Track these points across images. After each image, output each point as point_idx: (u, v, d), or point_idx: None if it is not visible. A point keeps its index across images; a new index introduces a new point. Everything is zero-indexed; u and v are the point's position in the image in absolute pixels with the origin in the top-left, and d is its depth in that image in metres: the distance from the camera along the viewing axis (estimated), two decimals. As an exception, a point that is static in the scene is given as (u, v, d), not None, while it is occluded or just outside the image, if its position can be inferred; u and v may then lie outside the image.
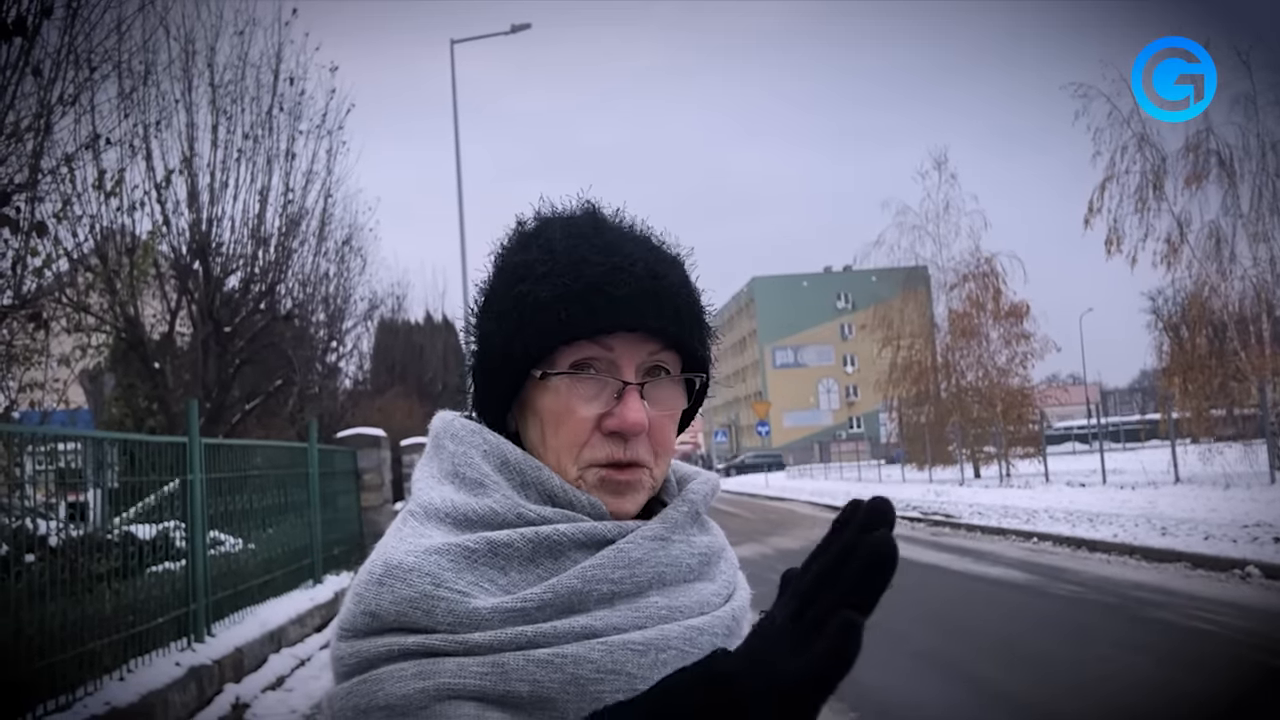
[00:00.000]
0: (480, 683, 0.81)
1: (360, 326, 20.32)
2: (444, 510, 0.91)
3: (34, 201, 6.93)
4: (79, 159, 8.29)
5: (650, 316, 0.93)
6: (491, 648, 0.82)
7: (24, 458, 5.83)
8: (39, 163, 6.73)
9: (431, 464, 0.98)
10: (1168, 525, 14.13)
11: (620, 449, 0.93)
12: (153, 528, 6.98)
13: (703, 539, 0.98)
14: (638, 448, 0.94)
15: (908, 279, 36.24)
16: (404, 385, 23.78)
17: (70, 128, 8.10)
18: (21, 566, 5.22)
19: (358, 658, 0.85)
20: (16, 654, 4.93)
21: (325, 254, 15.01)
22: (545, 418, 0.94)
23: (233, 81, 12.33)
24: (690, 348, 0.97)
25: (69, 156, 7.78)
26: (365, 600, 0.86)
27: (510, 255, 0.99)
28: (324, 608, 9.97)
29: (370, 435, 13.68)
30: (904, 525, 20.37)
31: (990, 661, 7.58)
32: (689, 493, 1.00)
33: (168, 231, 11.65)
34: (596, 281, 0.92)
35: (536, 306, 0.92)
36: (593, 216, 0.99)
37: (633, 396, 0.93)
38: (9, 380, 7.22)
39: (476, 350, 1.00)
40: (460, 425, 0.99)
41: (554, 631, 0.83)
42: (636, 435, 0.93)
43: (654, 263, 0.96)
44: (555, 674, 0.82)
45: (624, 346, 0.93)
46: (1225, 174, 21.61)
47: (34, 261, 6.81)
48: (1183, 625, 8.38)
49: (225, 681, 7.02)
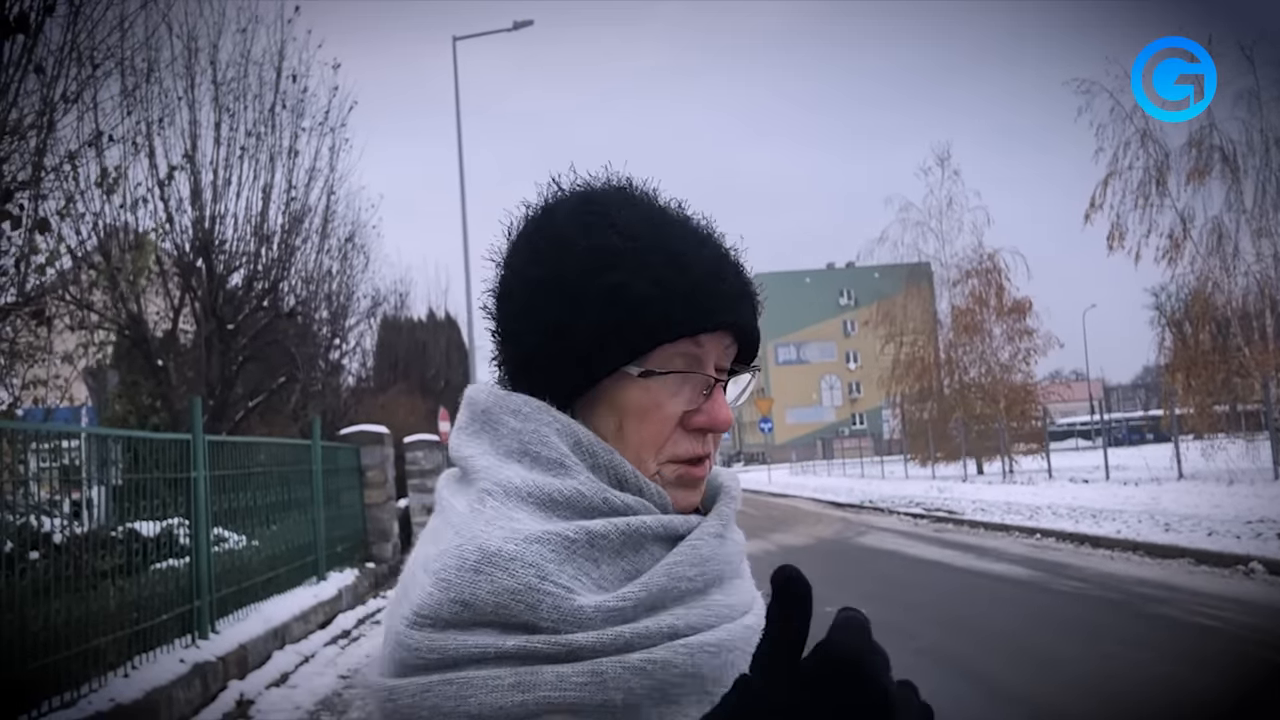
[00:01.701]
0: (579, 694, 0.76)
1: (363, 324, 20.35)
2: (526, 490, 0.85)
3: (37, 199, 6.94)
4: (82, 156, 8.30)
5: (745, 315, 0.93)
6: (594, 651, 0.77)
7: (28, 455, 5.83)
8: (42, 160, 6.73)
9: (484, 440, 0.91)
10: (1171, 521, 14.12)
11: (702, 445, 0.91)
12: (156, 524, 6.99)
13: (739, 534, 0.96)
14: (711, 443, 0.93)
15: (911, 275, 36.24)
16: (406, 382, 23.78)
17: (73, 125, 8.12)
18: (26, 564, 5.23)
19: (440, 653, 0.77)
20: (23, 650, 4.94)
21: (328, 251, 15.02)
22: (629, 412, 0.89)
23: (235, 79, 12.33)
24: (756, 343, 0.97)
25: (72, 154, 7.78)
26: (457, 588, 0.78)
27: (580, 237, 0.90)
28: (327, 604, 9.98)
29: (373, 432, 13.69)
30: (907, 522, 20.39)
31: (995, 658, 7.58)
32: (732, 489, 0.98)
33: (171, 229, 11.66)
34: (701, 278, 0.89)
35: (637, 301, 0.87)
36: (654, 201, 0.95)
37: (721, 394, 0.92)
38: (12, 378, 7.22)
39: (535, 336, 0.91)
40: (522, 400, 0.90)
41: (646, 633, 0.79)
42: (724, 432, 0.92)
43: (736, 257, 0.95)
44: (646, 680, 0.78)
45: (712, 343, 0.91)
46: (1229, 169, 21.56)
47: (37, 259, 6.81)
48: (1186, 621, 8.38)
49: (229, 678, 7.03)
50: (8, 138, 6.04)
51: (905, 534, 17.95)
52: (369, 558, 12.87)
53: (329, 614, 9.99)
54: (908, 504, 23.48)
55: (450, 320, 30.88)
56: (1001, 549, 14.35)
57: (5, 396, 7.07)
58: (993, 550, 14.27)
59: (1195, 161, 21.73)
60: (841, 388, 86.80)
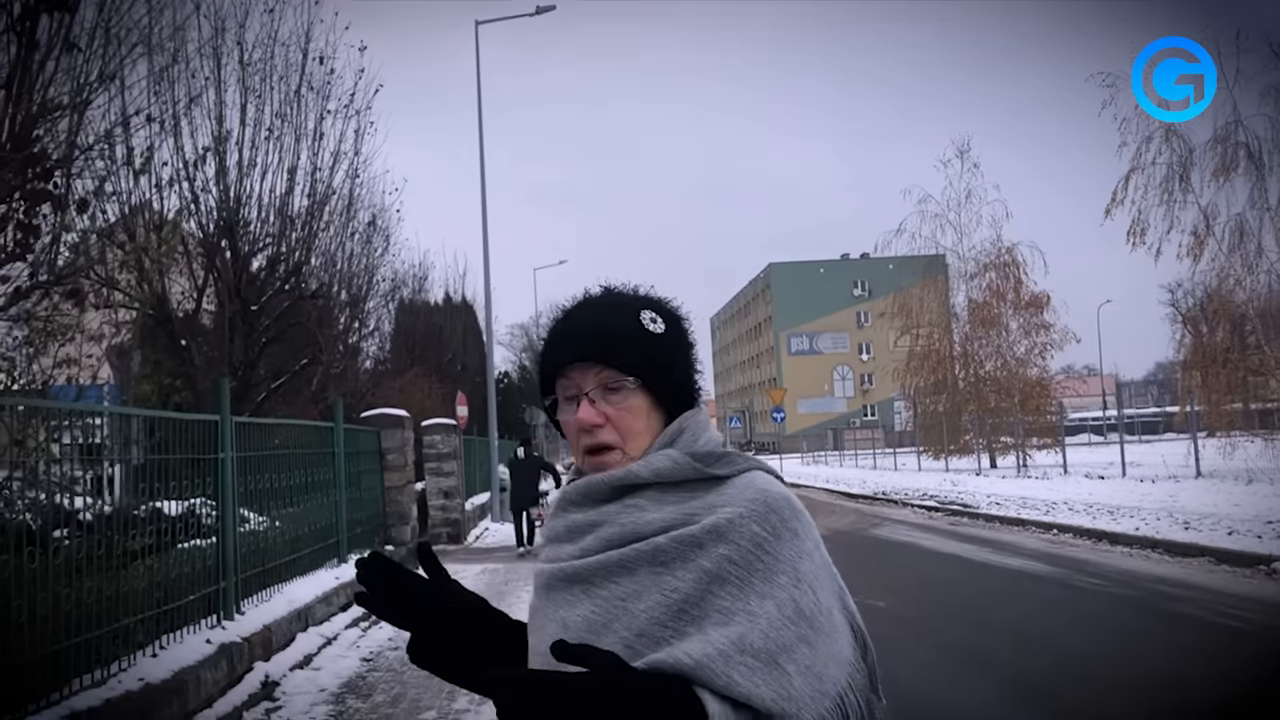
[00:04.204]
0: None
1: (381, 307, 20.35)
2: None
3: (69, 178, 6.94)
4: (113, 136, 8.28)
5: (566, 356, 1.40)
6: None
7: (61, 433, 5.84)
8: (75, 139, 6.72)
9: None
10: (1190, 519, 14.03)
11: (590, 438, 1.39)
12: (180, 504, 6.99)
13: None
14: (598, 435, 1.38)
15: (927, 267, 36.04)
16: (423, 366, 23.80)
17: (103, 106, 8.11)
18: (58, 542, 5.24)
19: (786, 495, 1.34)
20: (55, 629, 4.96)
21: (352, 234, 15.01)
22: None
23: (262, 60, 12.28)
24: (618, 363, 1.38)
25: (108, 132, 7.78)
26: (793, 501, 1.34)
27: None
28: (349, 586, 10.00)
29: (394, 415, 13.71)
30: (921, 514, 20.36)
31: (1021, 655, 7.53)
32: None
33: (196, 209, 11.67)
34: (548, 343, 1.46)
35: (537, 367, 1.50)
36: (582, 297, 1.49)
37: (583, 403, 1.38)
38: (44, 356, 7.24)
39: None
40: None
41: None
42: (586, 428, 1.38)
43: (587, 313, 1.44)
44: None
45: (577, 374, 1.39)
46: (1254, 166, 21.32)
47: (69, 237, 6.82)
48: (1211, 622, 8.32)
49: (255, 659, 7.05)
50: (46, 117, 6.05)
51: (920, 526, 17.92)
52: (388, 540, 12.91)
53: (350, 596, 9.99)
54: (921, 496, 23.42)
55: (467, 305, 30.89)
56: (1018, 544, 14.31)
57: (38, 374, 7.09)
58: (1009, 545, 14.23)
59: (1220, 158, 21.50)
60: (854, 379, 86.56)
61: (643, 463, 1.36)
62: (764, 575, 1.26)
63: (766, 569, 1.26)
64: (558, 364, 1.41)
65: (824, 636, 1.26)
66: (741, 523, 1.27)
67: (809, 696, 1.20)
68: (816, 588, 1.29)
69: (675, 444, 1.39)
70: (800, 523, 1.33)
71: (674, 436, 1.40)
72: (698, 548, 1.27)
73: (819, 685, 1.22)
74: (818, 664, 1.23)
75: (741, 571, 1.25)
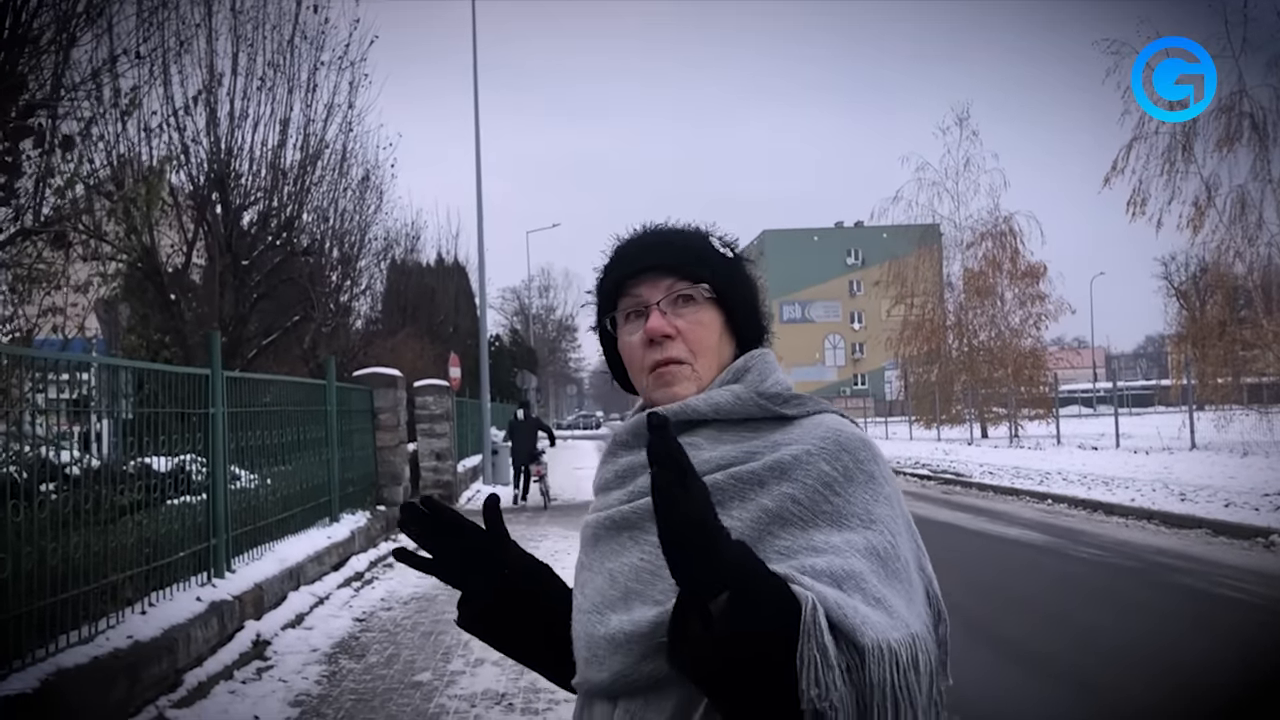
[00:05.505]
0: None
1: (373, 266, 20.08)
2: None
3: (54, 118, 6.68)
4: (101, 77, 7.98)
5: (641, 263, 1.31)
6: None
7: (45, 385, 5.65)
8: (60, 77, 6.46)
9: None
10: (1186, 491, 14.01)
11: (660, 352, 1.27)
12: (170, 460, 6.82)
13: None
14: (670, 349, 1.27)
15: (922, 236, 35.87)
16: (415, 326, 23.58)
17: (89, 46, 7.82)
18: (43, 496, 5.07)
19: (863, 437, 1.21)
20: (41, 584, 4.81)
21: (345, 190, 14.73)
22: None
23: (254, 7, 11.96)
24: (689, 274, 1.29)
25: (95, 71, 7.49)
26: (870, 444, 1.21)
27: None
28: (340, 546, 9.88)
29: (387, 375, 13.52)
30: (914, 483, 20.32)
31: (1023, 624, 7.50)
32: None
33: (186, 161, 11.38)
34: (615, 258, 1.36)
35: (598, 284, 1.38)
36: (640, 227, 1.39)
37: (654, 313, 1.28)
38: (28, 304, 7.02)
39: None
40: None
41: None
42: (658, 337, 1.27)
43: (656, 234, 1.35)
44: None
45: (645, 287, 1.30)
46: (1258, 137, 21.15)
47: (55, 181, 6.57)
48: (1211, 593, 8.28)
49: (246, 618, 6.92)
50: (28, 53, 5.79)
51: (913, 494, 17.87)
52: (380, 500, 12.76)
53: (342, 556, 9.90)
54: (914, 465, 23.41)
55: (459, 266, 30.61)
56: (1013, 513, 14.27)
57: (22, 323, 6.87)
58: (1004, 514, 14.19)
59: (1224, 128, 21.30)
60: (845, 348, 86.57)
61: (702, 397, 1.26)
62: (831, 518, 1.12)
63: (836, 511, 1.12)
64: (623, 276, 1.31)
65: (898, 581, 1.10)
66: (809, 460, 1.16)
67: (878, 622, 1.02)
68: (894, 535, 1.14)
69: (740, 381, 1.28)
70: (878, 465, 1.19)
71: (739, 373, 1.29)
72: (758, 485, 1.16)
73: (887, 617, 1.03)
74: (888, 598, 1.06)
75: (806, 512, 1.12)
